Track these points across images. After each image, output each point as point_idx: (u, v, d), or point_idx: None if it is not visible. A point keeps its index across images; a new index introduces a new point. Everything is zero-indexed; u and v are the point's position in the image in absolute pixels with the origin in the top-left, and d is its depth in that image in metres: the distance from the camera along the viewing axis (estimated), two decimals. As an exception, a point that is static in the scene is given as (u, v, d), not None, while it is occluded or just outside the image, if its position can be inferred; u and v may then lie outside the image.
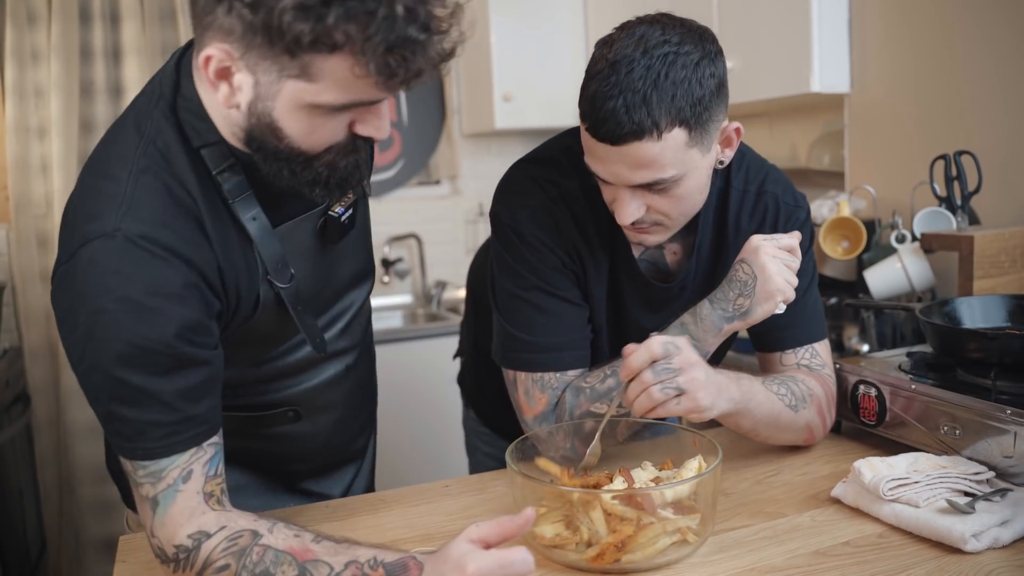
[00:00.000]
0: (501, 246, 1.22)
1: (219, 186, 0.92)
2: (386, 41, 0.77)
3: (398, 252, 3.44)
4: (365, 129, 0.88)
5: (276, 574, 0.86)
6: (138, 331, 0.85)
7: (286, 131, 0.86)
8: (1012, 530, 0.98)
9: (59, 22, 2.73)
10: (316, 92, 0.82)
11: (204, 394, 0.91)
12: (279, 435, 1.16)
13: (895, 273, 1.84)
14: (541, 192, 1.20)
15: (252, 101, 0.84)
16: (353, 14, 0.76)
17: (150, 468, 0.89)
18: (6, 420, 2.47)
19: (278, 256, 0.97)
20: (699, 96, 1.01)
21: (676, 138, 1.01)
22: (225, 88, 0.84)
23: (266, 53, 0.80)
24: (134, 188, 0.87)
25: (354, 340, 1.19)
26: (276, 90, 0.82)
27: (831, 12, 2.26)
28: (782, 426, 1.20)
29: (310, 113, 0.84)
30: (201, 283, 0.90)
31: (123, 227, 0.85)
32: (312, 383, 1.14)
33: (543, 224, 1.19)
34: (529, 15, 3.18)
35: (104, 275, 0.85)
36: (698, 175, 1.08)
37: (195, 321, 0.89)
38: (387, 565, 0.85)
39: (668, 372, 1.00)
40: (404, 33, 0.78)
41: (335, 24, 0.76)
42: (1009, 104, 1.91)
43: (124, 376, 0.85)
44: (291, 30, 0.76)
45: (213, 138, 0.91)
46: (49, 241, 2.81)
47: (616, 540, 0.93)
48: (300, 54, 0.79)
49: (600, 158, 1.05)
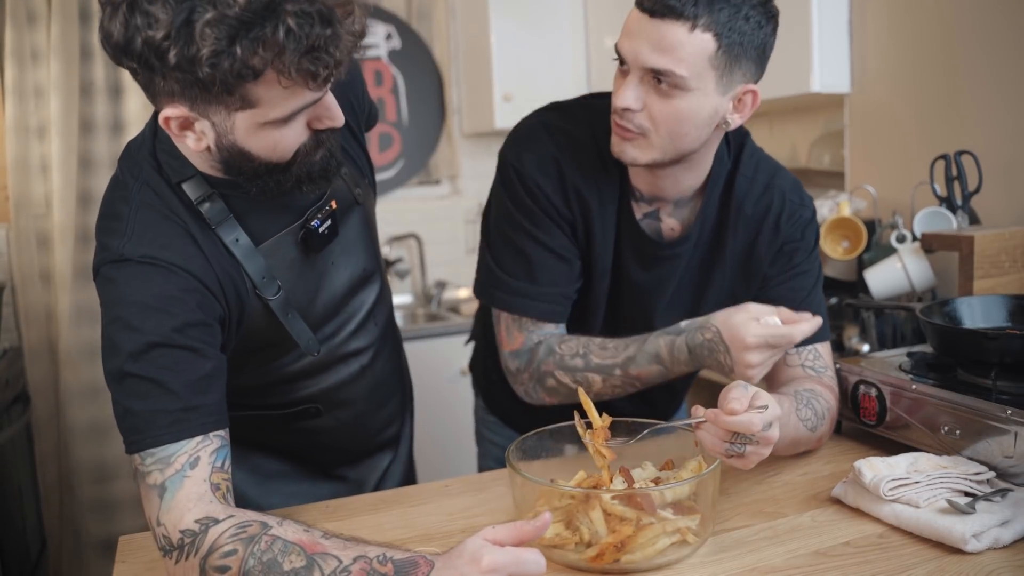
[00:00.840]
0: (502, 185, 1.25)
1: (200, 214, 1.02)
2: (297, 51, 0.86)
3: (398, 252, 3.44)
4: (321, 123, 0.98)
5: (284, 563, 0.87)
6: (145, 328, 0.95)
7: (254, 152, 0.96)
8: (1012, 530, 0.98)
9: (59, 22, 2.72)
10: (263, 113, 0.92)
11: (209, 387, 0.98)
12: (306, 429, 1.26)
13: (895, 273, 1.84)
14: (550, 140, 1.22)
15: (217, 139, 0.95)
16: (258, 41, 0.85)
17: (158, 455, 0.94)
18: (6, 420, 2.47)
19: (263, 272, 1.07)
20: (742, 29, 1.05)
21: (704, 42, 1.04)
22: (191, 136, 0.95)
23: (208, 99, 0.90)
24: (134, 220, 1.00)
25: (369, 340, 1.26)
26: (231, 124, 0.93)
27: (831, 12, 2.26)
28: (799, 445, 1.22)
29: (267, 130, 0.94)
30: (203, 288, 1.00)
31: (126, 252, 0.98)
32: (329, 383, 1.22)
33: (547, 172, 1.21)
34: (529, 15, 3.18)
35: (116, 291, 0.98)
36: (701, 105, 1.09)
37: (197, 320, 0.98)
38: (396, 561, 0.86)
39: (742, 448, 1.00)
40: (309, 38, 0.86)
41: (246, 56, 0.85)
42: (1009, 104, 1.90)
43: (135, 370, 0.94)
44: (215, 75, 0.86)
45: (189, 172, 1.02)
46: (49, 241, 2.82)
47: (616, 540, 0.93)
48: (234, 89, 0.88)
49: (630, 33, 1.08)
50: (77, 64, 2.77)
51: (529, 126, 1.27)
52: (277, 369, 1.17)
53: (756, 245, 1.26)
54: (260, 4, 0.84)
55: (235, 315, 1.06)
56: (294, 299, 1.11)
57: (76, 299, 2.78)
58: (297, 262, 1.11)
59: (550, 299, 1.24)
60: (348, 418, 1.28)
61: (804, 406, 1.19)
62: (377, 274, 1.27)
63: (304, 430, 1.26)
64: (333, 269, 1.17)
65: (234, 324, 1.06)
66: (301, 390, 1.21)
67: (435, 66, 3.44)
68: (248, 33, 0.84)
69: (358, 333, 1.23)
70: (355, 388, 1.26)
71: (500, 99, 3.15)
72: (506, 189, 1.25)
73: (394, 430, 1.40)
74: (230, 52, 0.84)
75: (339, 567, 0.86)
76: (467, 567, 0.82)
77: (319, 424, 1.26)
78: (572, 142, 1.22)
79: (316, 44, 0.86)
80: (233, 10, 0.83)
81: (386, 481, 1.41)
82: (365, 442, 1.36)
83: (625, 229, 1.24)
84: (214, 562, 0.89)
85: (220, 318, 1.03)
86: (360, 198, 1.20)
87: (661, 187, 1.21)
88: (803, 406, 1.19)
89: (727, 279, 1.28)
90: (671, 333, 1.19)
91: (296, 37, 0.85)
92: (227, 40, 0.84)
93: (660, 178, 1.19)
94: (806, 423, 1.19)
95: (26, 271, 2.78)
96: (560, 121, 1.24)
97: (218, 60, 0.84)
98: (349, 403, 1.27)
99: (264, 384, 1.18)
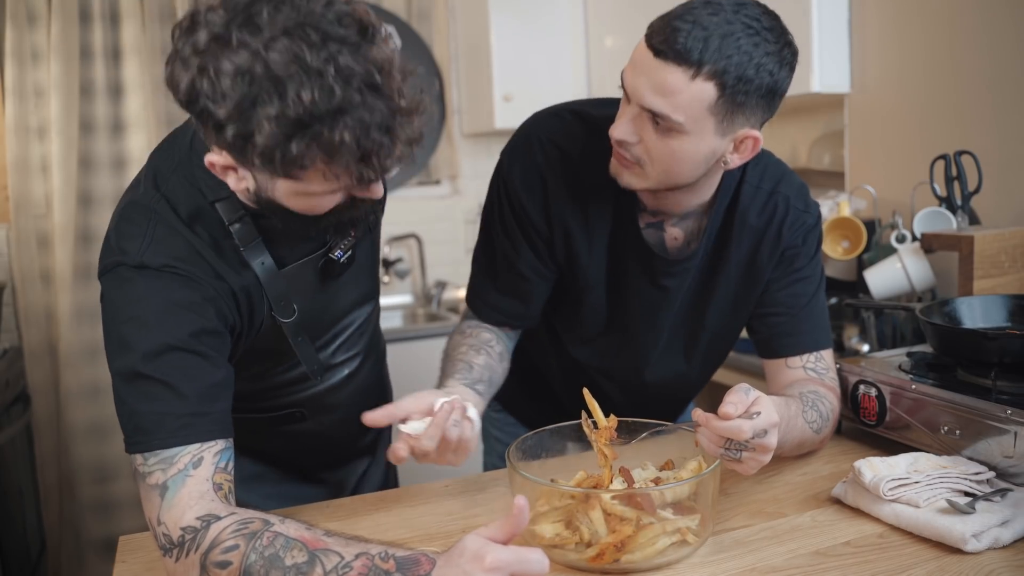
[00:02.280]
0: (494, 184, 1.29)
1: (231, 235, 1.03)
2: (351, 156, 0.86)
3: (398, 252, 3.44)
4: (362, 194, 0.96)
5: (286, 558, 0.87)
6: (163, 329, 0.96)
7: (290, 207, 0.96)
8: (1012, 530, 0.98)
9: (59, 22, 2.72)
10: (304, 187, 0.91)
11: (218, 396, 0.99)
12: (289, 432, 1.27)
13: (895, 273, 1.84)
14: (540, 153, 1.23)
15: (257, 190, 0.95)
16: (314, 141, 0.84)
17: (162, 455, 0.94)
18: (6, 420, 2.47)
19: (283, 295, 1.08)
20: (749, 77, 1.01)
21: (704, 91, 1.01)
22: (232, 177, 0.94)
23: (256, 167, 0.90)
24: (153, 232, 1.00)
25: (354, 351, 1.27)
26: (272, 185, 0.93)
27: (831, 12, 2.26)
28: (803, 447, 1.22)
29: (307, 197, 0.94)
30: (218, 298, 1.01)
31: (146, 259, 0.98)
32: (316, 389, 1.23)
33: (529, 186, 1.22)
34: (529, 15, 3.17)
35: (135, 291, 0.98)
36: (697, 148, 1.07)
37: (213, 328, 1.00)
38: (399, 558, 0.86)
39: (737, 455, 1.00)
40: (366, 145, 0.86)
41: (300, 154, 0.85)
42: (1009, 104, 1.90)
43: (148, 372, 0.95)
44: (265, 162, 0.87)
45: (225, 193, 1.01)
46: (49, 241, 2.82)
47: (616, 540, 0.93)
48: (278, 171, 0.88)
49: (635, 65, 1.06)
50: (77, 64, 2.77)
51: (523, 134, 1.27)
52: (271, 378, 1.18)
53: (759, 252, 1.25)
54: (325, 107, 0.82)
55: (245, 331, 1.07)
56: (302, 321, 1.12)
57: (76, 299, 2.78)
58: (312, 287, 1.13)
59: (495, 307, 1.30)
60: (331, 423, 1.29)
61: (810, 408, 1.19)
62: (375, 294, 1.30)
63: (287, 433, 1.27)
64: (341, 293, 1.19)
65: (243, 339, 1.07)
66: (289, 395, 1.22)
67: (435, 66, 3.43)
68: (306, 132, 0.83)
69: (346, 345, 1.25)
70: (340, 394, 1.27)
71: (500, 99, 3.15)
72: (497, 191, 1.28)
73: (373, 435, 1.42)
74: (285, 149, 0.84)
75: (341, 563, 0.86)
76: (470, 565, 0.81)
77: (302, 428, 1.27)
78: (563, 156, 1.22)
79: (368, 152, 0.86)
80: (297, 109, 0.82)
81: (364, 485, 1.42)
82: (345, 446, 1.38)
83: (629, 243, 1.23)
84: (215, 557, 0.89)
85: (233, 331, 1.04)
86: (373, 224, 1.21)
87: (664, 205, 1.20)
88: (809, 408, 1.19)
89: (731, 286, 1.27)
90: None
91: (350, 148, 0.85)
92: (284, 138, 0.84)
93: (661, 199, 1.19)
94: (811, 425, 1.19)
95: (26, 271, 2.77)
96: (554, 133, 1.23)
97: (272, 153, 0.85)
98: (333, 408, 1.28)
99: (254, 390, 1.19)
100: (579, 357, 1.36)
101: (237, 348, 1.07)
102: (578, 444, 1.14)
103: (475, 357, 1.24)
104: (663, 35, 1.01)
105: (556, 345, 1.39)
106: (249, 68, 0.82)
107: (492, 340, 1.29)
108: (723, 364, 1.47)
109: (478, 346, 1.26)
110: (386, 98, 0.86)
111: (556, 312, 1.34)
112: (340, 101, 0.83)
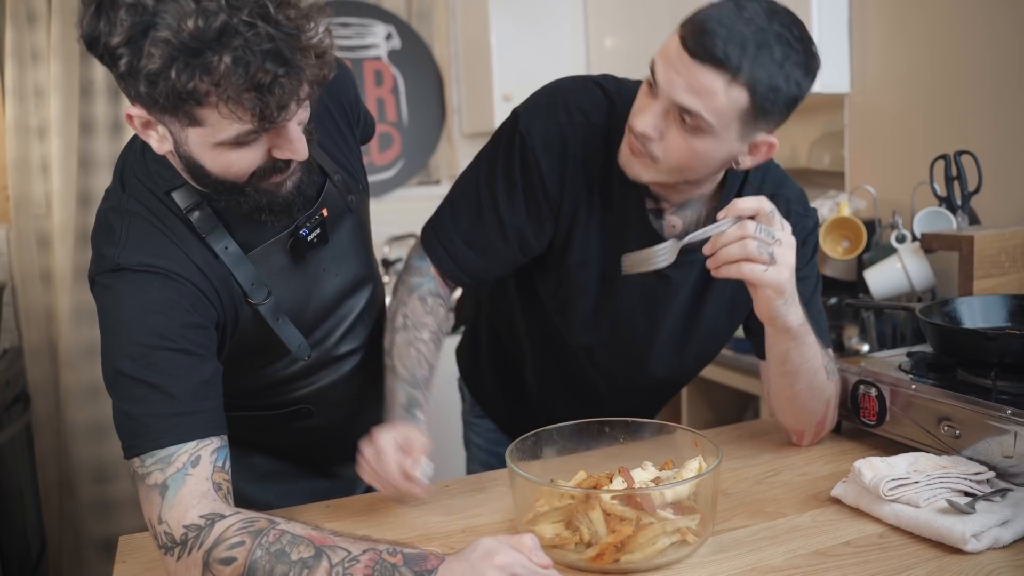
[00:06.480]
0: (501, 137, 1.23)
1: (190, 223, 1.03)
2: (239, 85, 0.84)
3: (398, 252, 3.44)
4: (281, 153, 0.95)
5: (292, 553, 0.87)
6: (144, 331, 0.96)
7: (208, 167, 0.95)
8: (1012, 530, 0.98)
9: (59, 22, 2.72)
10: (211, 133, 0.90)
11: (208, 393, 0.98)
12: (299, 429, 1.27)
13: (895, 273, 1.84)
14: (566, 117, 1.20)
15: (175, 146, 0.94)
16: (198, 68, 0.83)
17: (159, 455, 0.93)
18: (6, 420, 2.47)
19: (252, 278, 1.07)
20: (779, 87, 1.03)
21: (738, 97, 1.02)
22: (154, 136, 0.94)
23: (159, 109, 0.89)
24: (127, 231, 1.01)
25: (359, 342, 1.26)
26: (184, 136, 0.92)
27: (831, 12, 2.26)
28: (814, 388, 1.22)
29: (220, 150, 0.92)
30: (199, 293, 1.01)
31: (121, 260, 0.99)
32: (321, 384, 1.23)
33: (549, 146, 1.19)
34: (529, 15, 3.17)
35: (114, 297, 0.98)
36: (717, 150, 1.07)
37: (195, 323, 0.99)
38: (406, 553, 0.87)
39: (769, 236, 1.03)
40: (257, 76, 0.84)
41: (184, 81, 0.84)
42: (1009, 104, 1.90)
43: (135, 373, 0.95)
44: (157, 95, 0.85)
45: (178, 182, 1.02)
46: (49, 241, 2.81)
47: (615, 540, 0.93)
48: (177, 108, 0.87)
49: (669, 61, 1.05)
50: (77, 64, 2.77)
51: (552, 94, 1.24)
52: (270, 374, 1.18)
53: None
54: (212, 32, 0.82)
55: (230, 321, 1.07)
56: (285, 305, 1.12)
57: (76, 299, 2.78)
58: (287, 269, 1.12)
59: (464, 266, 1.25)
60: (340, 418, 1.29)
61: (820, 346, 1.22)
62: (370, 279, 1.27)
63: (297, 430, 1.27)
64: (325, 275, 1.18)
65: (229, 330, 1.07)
66: (293, 392, 1.22)
67: (435, 66, 3.43)
68: (190, 59, 0.83)
69: (348, 336, 1.24)
70: (347, 389, 1.26)
71: (500, 99, 3.15)
72: (503, 143, 1.22)
73: None
74: (165, 75, 0.84)
75: (348, 556, 0.87)
76: (480, 561, 0.83)
77: (312, 424, 1.26)
78: (587, 125, 1.20)
79: (262, 81, 0.85)
80: (181, 36, 0.82)
81: None
82: (358, 441, 1.36)
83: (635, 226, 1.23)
84: (219, 554, 0.88)
85: (216, 323, 1.04)
86: (352, 205, 1.20)
87: (667, 194, 1.20)
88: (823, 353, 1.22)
89: (729, 285, 1.27)
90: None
91: (238, 72, 0.84)
92: (166, 62, 0.83)
93: (664, 188, 1.19)
94: (825, 366, 1.22)
95: (26, 271, 2.77)
96: (583, 103, 1.21)
97: (156, 80, 0.84)
98: (341, 403, 1.27)
99: (256, 387, 1.19)
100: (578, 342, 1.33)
101: (225, 341, 1.07)
102: (578, 444, 1.13)
103: (434, 357, 1.23)
104: (700, 37, 1.01)
105: (536, 344, 1.39)
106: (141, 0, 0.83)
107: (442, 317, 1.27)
108: (723, 364, 1.47)
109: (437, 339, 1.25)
110: (281, 28, 0.85)
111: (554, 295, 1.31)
112: (223, 26, 0.83)
